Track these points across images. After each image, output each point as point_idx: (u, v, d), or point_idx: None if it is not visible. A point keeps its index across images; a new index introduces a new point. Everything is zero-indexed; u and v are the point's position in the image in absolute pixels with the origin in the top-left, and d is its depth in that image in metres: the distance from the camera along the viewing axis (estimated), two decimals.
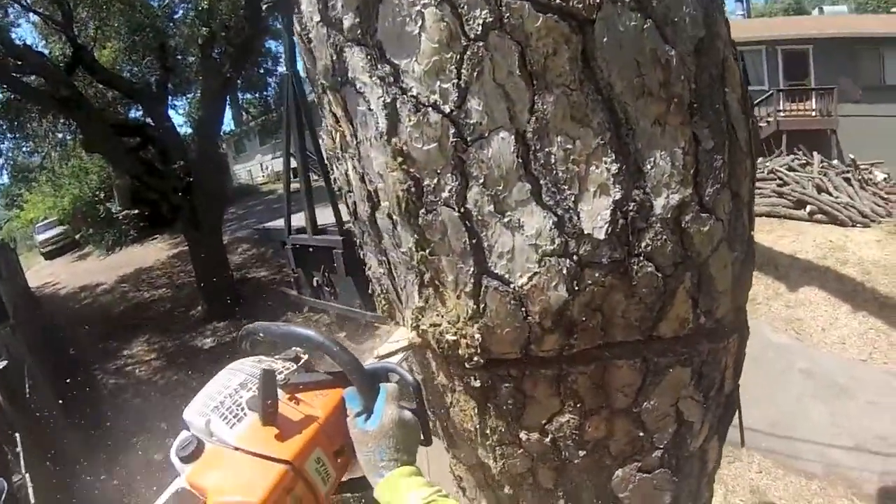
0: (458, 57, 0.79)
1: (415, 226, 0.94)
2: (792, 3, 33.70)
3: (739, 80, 0.95)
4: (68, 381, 9.17)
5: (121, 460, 6.90)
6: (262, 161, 27.29)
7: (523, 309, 0.90)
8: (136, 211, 17.70)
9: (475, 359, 0.98)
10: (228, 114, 22.34)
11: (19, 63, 8.43)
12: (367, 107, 0.90)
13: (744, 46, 14.43)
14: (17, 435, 5.04)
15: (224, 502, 0.77)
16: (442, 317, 1.01)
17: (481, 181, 0.85)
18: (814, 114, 13.77)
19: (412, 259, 0.99)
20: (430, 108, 0.84)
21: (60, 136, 12.57)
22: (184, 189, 9.73)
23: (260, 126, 20.64)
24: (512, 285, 0.89)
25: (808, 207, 9.58)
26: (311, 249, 6.98)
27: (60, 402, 7.90)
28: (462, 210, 0.88)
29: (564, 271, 0.85)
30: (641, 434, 1.07)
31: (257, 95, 15.94)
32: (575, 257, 0.85)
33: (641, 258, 0.86)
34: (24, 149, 13.25)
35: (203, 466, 0.80)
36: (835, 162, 11.44)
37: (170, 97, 11.75)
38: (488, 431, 1.10)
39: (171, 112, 12.25)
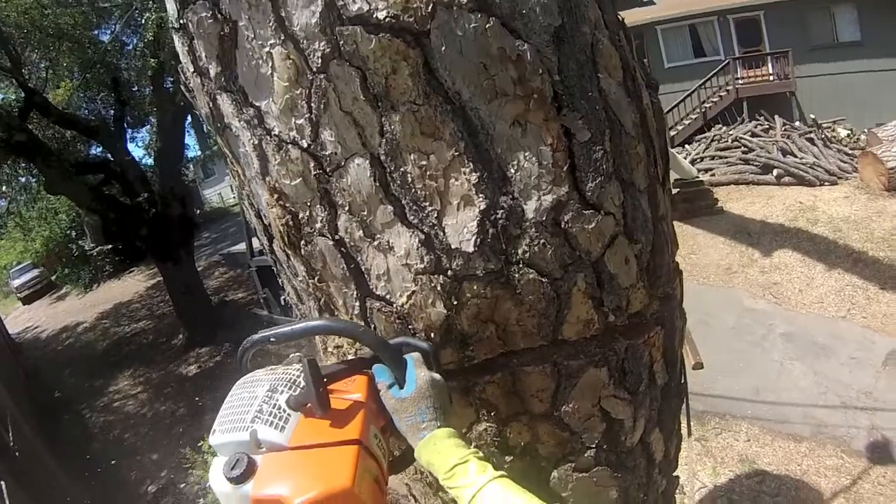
0: (307, 91, 0.79)
1: (300, 256, 0.95)
2: None
3: (618, 63, 0.91)
4: (55, 424, 9.06)
5: (115, 497, 6.84)
6: (232, 183, 26.93)
7: (410, 327, 0.88)
8: (110, 246, 17.49)
9: None
10: (193, 139, 22.12)
11: None
12: (244, 149, 0.91)
13: (695, 19, 14.52)
14: (2, 483, 4.99)
15: (312, 499, 0.71)
16: (341, 338, 1.01)
17: (347, 209, 0.85)
18: (771, 78, 13.85)
19: (308, 287, 1.00)
20: (290, 145, 0.84)
21: (23, 179, 12.31)
22: (150, 221, 9.59)
23: None
24: (394, 305, 0.90)
25: (775, 171, 9.69)
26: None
27: (48, 446, 7.81)
28: (336, 238, 0.88)
29: (439, 288, 0.83)
30: (568, 436, 1.04)
31: None
32: (449, 272, 0.84)
33: (521, 266, 0.84)
34: None
35: (266, 477, 0.74)
36: (797, 123, 11.52)
37: (129, 130, 11.60)
38: None
39: (131, 145, 12.09)
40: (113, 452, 8.06)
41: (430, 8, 0.73)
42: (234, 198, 26.20)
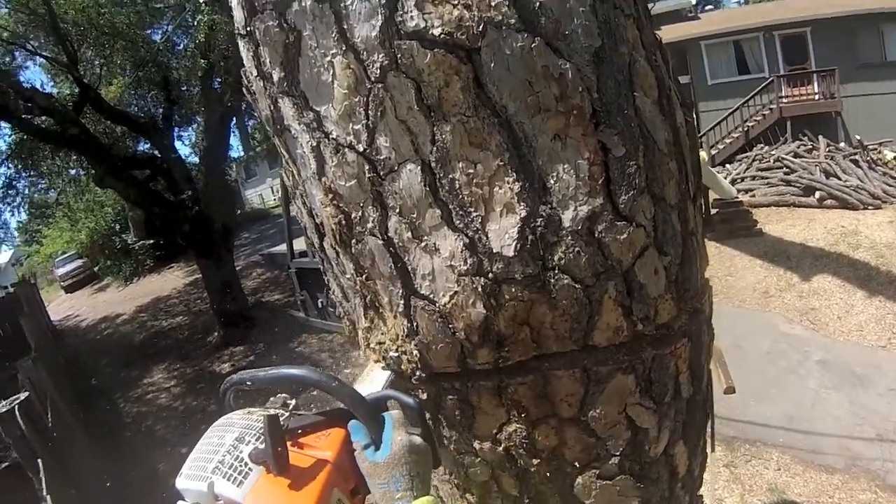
0: (365, 99, 0.85)
1: (350, 254, 1.00)
2: None
3: (654, 82, 0.96)
4: (91, 409, 9.34)
5: (140, 482, 7.03)
6: (273, 185, 27.66)
7: (450, 326, 0.93)
8: (152, 241, 18.02)
9: (417, 373, 1.03)
10: (237, 140, 22.77)
11: (29, 105, 8.62)
12: (302, 150, 0.97)
13: (740, 35, 14.32)
14: (39, 461, 5.19)
15: None
16: (385, 335, 1.07)
17: (398, 210, 0.90)
18: (817, 97, 13.57)
19: (355, 284, 1.06)
20: (346, 149, 0.90)
21: (73, 172, 12.80)
22: (193, 218, 9.87)
23: (267, 150, 20.97)
24: (437, 304, 0.94)
25: (818, 193, 9.49)
26: (313, 272, 7.01)
27: (84, 429, 8.05)
28: (385, 238, 0.93)
29: (480, 289, 0.89)
30: (594, 441, 1.07)
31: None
32: (490, 275, 0.89)
33: (556, 271, 0.88)
34: (39, 186, 13.50)
35: None
36: (841, 144, 11.27)
37: (176, 129, 11.99)
38: (445, 441, 1.15)
39: (178, 143, 12.43)
40: (144, 442, 8.25)
41: (481, 27, 0.79)
42: (274, 199, 26.75)
